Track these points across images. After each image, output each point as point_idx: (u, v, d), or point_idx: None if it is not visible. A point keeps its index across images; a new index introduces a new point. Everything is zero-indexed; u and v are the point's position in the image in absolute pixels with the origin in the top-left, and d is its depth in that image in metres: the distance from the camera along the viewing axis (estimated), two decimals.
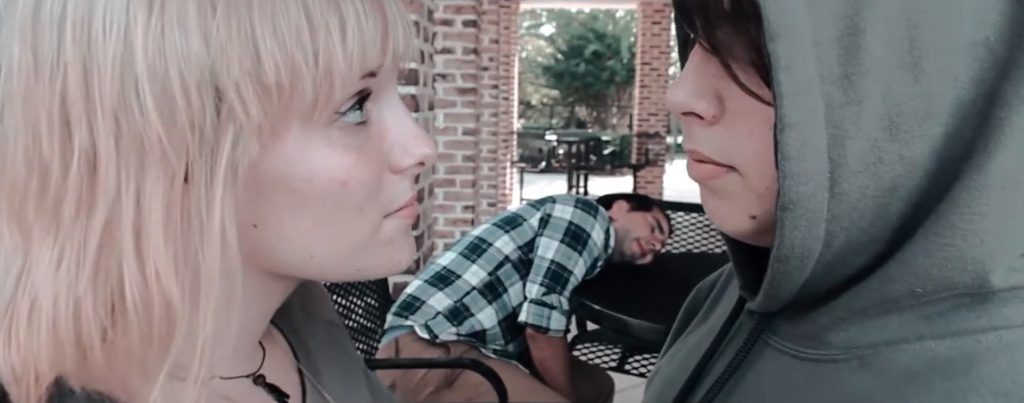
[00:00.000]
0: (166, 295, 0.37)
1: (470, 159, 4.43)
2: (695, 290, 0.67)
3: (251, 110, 0.37)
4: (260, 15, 0.37)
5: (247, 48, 0.37)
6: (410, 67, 2.28)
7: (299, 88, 0.38)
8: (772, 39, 0.35)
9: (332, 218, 0.42)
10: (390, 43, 0.42)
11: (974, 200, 0.36)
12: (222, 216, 0.38)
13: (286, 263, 0.43)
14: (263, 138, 0.38)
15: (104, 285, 0.37)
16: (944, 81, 0.36)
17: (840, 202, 0.38)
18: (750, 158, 0.41)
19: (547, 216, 1.95)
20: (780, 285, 0.41)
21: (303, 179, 0.40)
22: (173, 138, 0.36)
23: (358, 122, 0.42)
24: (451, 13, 4.25)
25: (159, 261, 0.37)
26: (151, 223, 0.37)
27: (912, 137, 0.37)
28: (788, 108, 0.35)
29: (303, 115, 0.39)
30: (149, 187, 0.37)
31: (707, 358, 0.51)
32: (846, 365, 0.41)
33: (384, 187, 0.44)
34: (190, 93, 0.36)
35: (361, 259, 0.45)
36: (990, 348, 0.37)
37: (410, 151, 0.44)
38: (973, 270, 0.37)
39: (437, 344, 1.83)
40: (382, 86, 0.44)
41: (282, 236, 0.42)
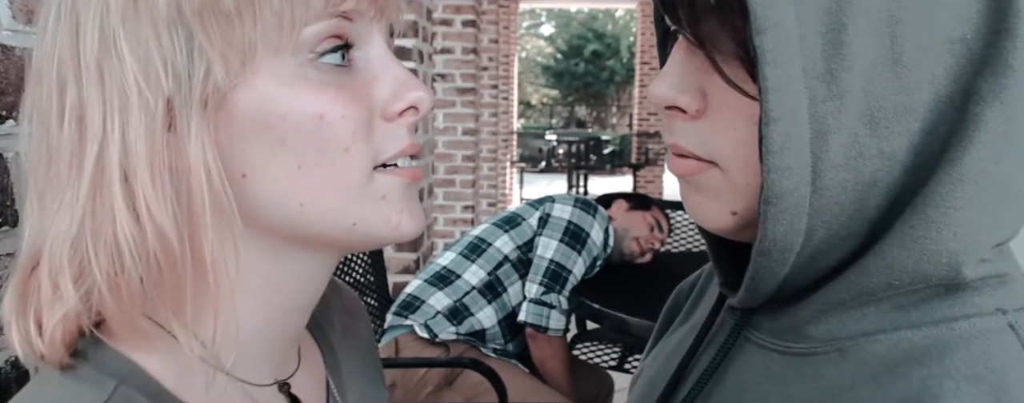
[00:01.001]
0: (160, 230, 0.39)
1: (470, 159, 4.43)
2: (676, 290, 0.68)
3: (215, 40, 0.38)
4: None
5: None
6: (409, 67, 2.29)
7: (260, 15, 0.39)
8: (758, 33, 0.35)
9: (317, 158, 0.41)
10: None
11: (949, 194, 0.37)
12: (202, 150, 0.39)
13: (279, 215, 0.43)
14: (231, 68, 0.39)
15: (99, 227, 0.39)
16: (923, 77, 0.37)
17: (822, 196, 0.38)
18: (733, 153, 0.41)
19: (546, 215, 1.96)
20: (762, 279, 0.42)
21: (279, 115, 0.40)
22: (148, 77, 0.38)
23: (338, 64, 0.42)
24: (450, 13, 4.25)
25: (149, 200, 0.39)
26: (138, 163, 0.39)
27: (891, 132, 0.37)
28: (773, 102, 0.36)
29: (272, 49, 0.40)
30: (132, 129, 0.38)
31: (690, 356, 0.51)
32: (826, 357, 0.41)
33: (375, 133, 0.43)
34: (160, 32, 0.38)
35: (355, 210, 0.43)
36: (963, 336, 0.38)
37: (400, 96, 0.44)
38: (947, 262, 0.38)
39: (437, 343, 1.83)
40: (364, 34, 0.43)
41: (270, 183, 0.42)
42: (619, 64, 20.86)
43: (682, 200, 0.47)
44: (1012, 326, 0.38)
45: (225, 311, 0.42)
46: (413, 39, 2.28)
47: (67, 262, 0.39)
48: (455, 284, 1.91)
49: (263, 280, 0.45)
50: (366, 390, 0.59)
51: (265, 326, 0.46)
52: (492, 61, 5.77)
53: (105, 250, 0.39)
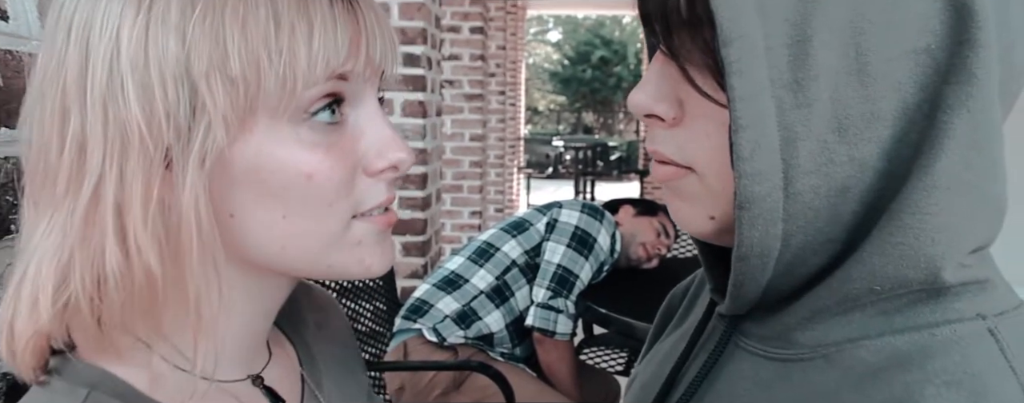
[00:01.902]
0: (146, 266, 0.41)
1: (477, 165, 4.45)
2: (669, 295, 0.69)
3: (219, 101, 0.40)
4: (232, 15, 0.40)
5: (217, 44, 0.40)
6: (417, 73, 2.31)
7: (263, 83, 0.41)
8: (725, 45, 0.37)
9: (301, 211, 0.44)
10: (362, 50, 0.44)
11: (923, 200, 0.38)
12: (194, 199, 0.41)
13: (261, 254, 0.46)
14: (231, 128, 0.41)
15: (88, 254, 0.41)
16: (889, 86, 0.38)
17: (794, 201, 0.39)
18: (707, 159, 0.42)
19: (554, 221, 1.97)
20: (743, 285, 0.43)
21: (271, 170, 0.43)
22: (151, 126, 0.40)
23: (330, 122, 0.44)
24: (458, 20, 4.28)
25: (139, 235, 0.41)
26: (132, 200, 0.41)
27: (861, 139, 0.38)
28: (741, 111, 0.37)
29: (271, 110, 0.42)
30: (130, 169, 0.41)
31: (681, 362, 0.52)
32: (812, 364, 0.42)
33: (356, 187, 0.46)
34: (167, 86, 0.40)
35: (331, 256, 0.47)
36: (944, 341, 0.39)
37: (384, 155, 0.47)
38: (926, 267, 0.39)
39: (445, 347, 1.84)
40: (357, 91, 0.46)
41: (256, 226, 0.44)
42: (626, 70, 20.86)
43: (666, 205, 0.48)
44: (991, 331, 0.39)
45: (204, 327, 0.44)
46: (422, 46, 2.30)
47: (51, 282, 0.41)
48: (463, 288, 1.92)
49: (241, 298, 0.48)
50: (342, 378, 0.61)
51: (239, 331, 0.49)
52: (500, 67, 5.80)
53: (91, 276, 0.41)
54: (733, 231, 0.41)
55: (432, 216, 2.56)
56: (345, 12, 0.43)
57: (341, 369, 0.62)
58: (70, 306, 0.42)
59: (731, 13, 0.36)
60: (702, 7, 0.38)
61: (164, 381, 0.45)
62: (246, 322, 0.50)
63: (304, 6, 0.42)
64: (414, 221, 2.40)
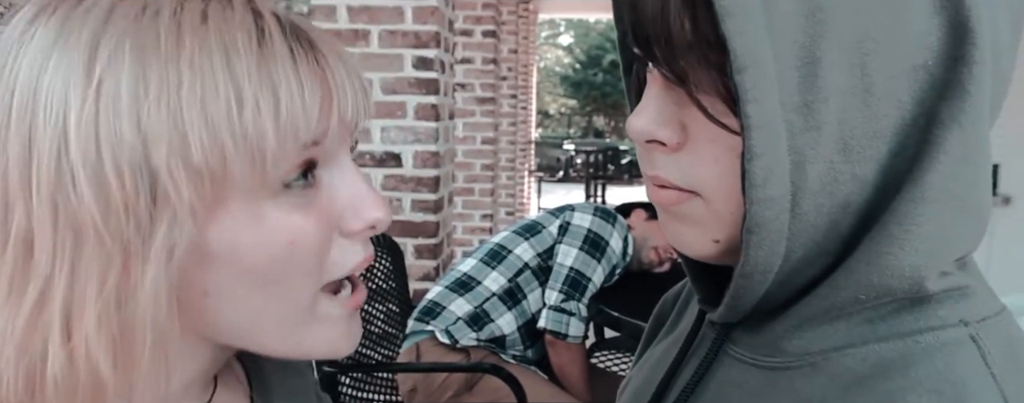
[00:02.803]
0: (94, 372, 0.37)
1: (489, 168, 4.46)
2: (661, 300, 0.68)
3: (183, 192, 0.36)
4: (189, 94, 0.36)
5: (175, 130, 0.36)
6: (430, 77, 2.32)
7: (230, 169, 0.37)
8: (739, 72, 0.35)
9: (278, 280, 0.41)
10: (334, 111, 0.41)
11: (911, 212, 0.38)
12: (155, 294, 0.37)
13: (232, 331, 0.43)
14: (198, 218, 0.37)
15: (26, 358, 0.37)
16: (890, 103, 0.38)
17: (799, 221, 0.39)
18: (715, 184, 0.41)
19: (566, 224, 1.98)
20: (742, 298, 0.43)
21: (251, 244, 0.40)
22: (108, 222, 0.36)
23: (305, 187, 0.41)
24: (471, 23, 4.30)
25: (90, 338, 0.37)
26: (84, 303, 0.37)
27: (863, 157, 0.39)
28: (756, 139, 0.36)
29: (242, 192, 0.38)
30: (83, 267, 0.36)
31: (673, 370, 0.52)
32: (800, 372, 0.42)
33: (331, 251, 0.43)
34: (124, 177, 0.36)
35: (301, 332, 0.44)
36: (927, 348, 0.39)
37: (361, 215, 0.44)
38: (910, 276, 0.39)
39: (457, 349, 1.85)
40: (330, 152, 0.42)
41: (231, 303, 0.41)
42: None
43: (663, 229, 0.47)
44: (974, 338, 0.39)
45: (150, 391, 0.41)
46: (435, 49, 2.32)
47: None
48: (476, 290, 1.93)
49: (193, 359, 0.45)
50: (293, 384, 0.58)
51: (185, 383, 0.46)
52: (511, 71, 5.81)
53: (25, 382, 0.37)
54: (736, 252, 0.41)
55: (444, 219, 2.57)
56: (311, 72, 0.39)
57: (290, 373, 0.58)
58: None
59: (745, 39, 0.35)
60: (709, 30, 0.37)
61: None
62: (192, 375, 0.46)
63: (267, 73, 0.38)
64: (426, 224, 2.41)
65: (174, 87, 0.36)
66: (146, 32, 0.37)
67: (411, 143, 2.35)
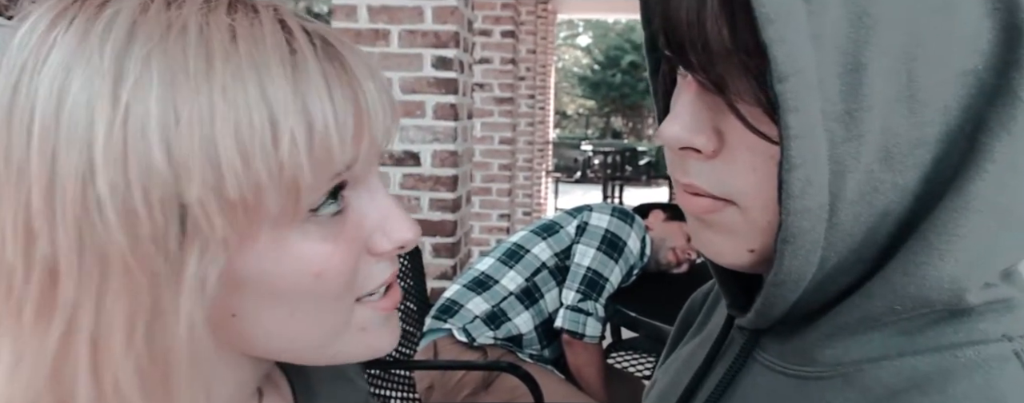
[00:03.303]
0: (124, 401, 0.36)
1: (506, 168, 4.47)
2: (690, 300, 0.67)
3: (215, 224, 0.35)
4: (222, 123, 0.34)
5: (210, 162, 0.34)
6: (449, 77, 2.33)
7: (263, 200, 0.36)
8: (781, 81, 0.34)
9: (309, 307, 0.41)
10: (365, 135, 0.39)
11: (952, 221, 0.37)
12: (190, 324, 0.36)
13: (264, 349, 0.43)
14: (230, 248, 0.36)
15: (58, 391, 0.36)
16: (936, 110, 0.36)
17: (836, 230, 0.38)
18: (753, 193, 0.39)
19: (584, 224, 1.98)
20: (773, 306, 0.42)
21: (278, 274, 0.39)
22: (136, 252, 0.35)
23: (334, 212, 0.40)
24: (490, 24, 4.31)
25: (119, 371, 0.36)
26: (112, 334, 0.35)
27: (905, 166, 0.37)
28: (795, 149, 0.35)
29: (273, 221, 0.37)
30: (110, 299, 0.35)
31: (700, 374, 0.51)
32: (830, 383, 0.41)
33: (360, 271, 0.42)
34: (153, 208, 0.34)
35: (337, 345, 0.43)
36: (966, 364, 0.37)
37: (389, 236, 0.43)
38: (950, 289, 0.38)
39: (474, 347, 1.86)
40: (360, 174, 0.41)
41: (260, 326, 0.41)
42: None
43: (693, 237, 0.46)
44: (1017, 354, 0.37)
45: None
46: (454, 49, 2.33)
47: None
48: (493, 289, 1.94)
49: (232, 372, 0.44)
50: (340, 392, 0.58)
51: (228, 394, 0.45)
52: (530, 71, 5.82)
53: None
54: (769, 261, 0.40)
55: (461, 218, 2.58)
56: (344, 96, 0.38)
57: (337, 379, 0.58)
58: None
59: (788, 47, 0.33)
60: (748, 36, 0.35)
61: None
62: (232, 389, 0.45)
63: (300, 99, 0.36)
64: (444, 223, 2.42)
65: (207, 116, 0.34)
66: (173, 54, 0.35)
67: (429, 142, 2.36)
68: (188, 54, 0.35)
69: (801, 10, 0.34)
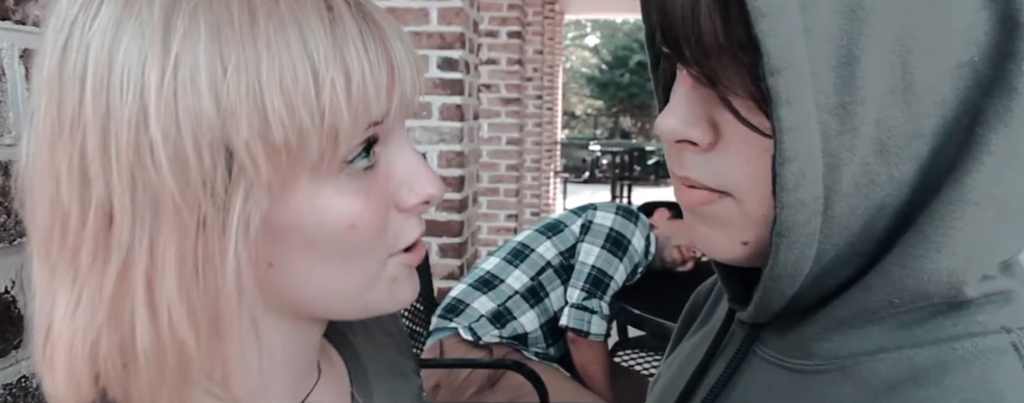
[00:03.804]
0: (179, 341, 0.38)
1: (514, 168, 4.48)
2: (694, 294, 0.67)
3: (261, 168, 0.37)
4: (268, 74, 0.37)
5: (256, 109, 0.37)
6: (455, 77, 2.35)
7: (306, 145, 0.38)
8: (773, 74, 0.34)
9: (341, 258, 0.43)
10: (396, 90, 0.42)
11: (949, 214, 0.37)
12: (236, 265, 0.38)
13: (300, 300, 0.44)
14: (273, 192, 0.38)
15: (118, 329, 0.38)
16: (932, 102, 0.36)
17: (832, 223, 0.38)
18: (748, 185, 0.40)
19: (588, 222, 1.99)
20: (771, 300, 0.42)
21: (314, 225, 0.41)
22: (186, 194, 0.37)
23: (365, 167, 0.42)
24: (496, 25, 4.32)
25: (173, 308, 0.38)
26: (165, 272, 0.38)
27: (901, 158, 0.37)
28: (788, 143, 0.35)
29: (312, 167, 0.40)
30: (163, 239, 0.37)
31: (701, 368, 0.52)
32: (829, 376, 0.41)
33: (391, 226, 0.45)
34: (202, 153, 0.36)
35: (368, 295, 0.46)
36: (964, 356, 0.37)
37: (416, 191, 0.45)
38: (947, 282, 0.38)
39: (480, 346, 1.88)
40: (390, 129, 0.44)
41: (296, 275, 0.43)
42: None
43: (689, 231, 0.46)
44: (1015, 346, 0.37)
45: (243, 371, 0.43)
46: (460, 50, 2.34)
47: (87, 359, 0.39)
48: (498, 288, 1.95)
49: (280, 340, 0.46)
50: (394, 387, 0.60)
51: (281, 365, 0.48)
52: (537, 72, 5.83)
53: (120, 355, 0.39)
54: (765, 254, 0.40)
55: (468, 218, 2.59)
56: (378, 50, 0.40)
57: (392, 379, 0.60)
58: (105, 378, 0.39)
59: (780, 40, 0.34)
60: (741, 30, 0.35)
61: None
62: (288, 356, 0.48)
63: (339, 53, 0.39)
64: (450, 223, 2.44)
65: (253, 65, 0.36)
66: (218, 9, 0.37)
67: (436, 143, 2.38)
68: (232, 9, 0.37)
69: (793, 4, 0.34)
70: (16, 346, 0.61)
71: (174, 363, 0.39)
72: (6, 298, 0.60)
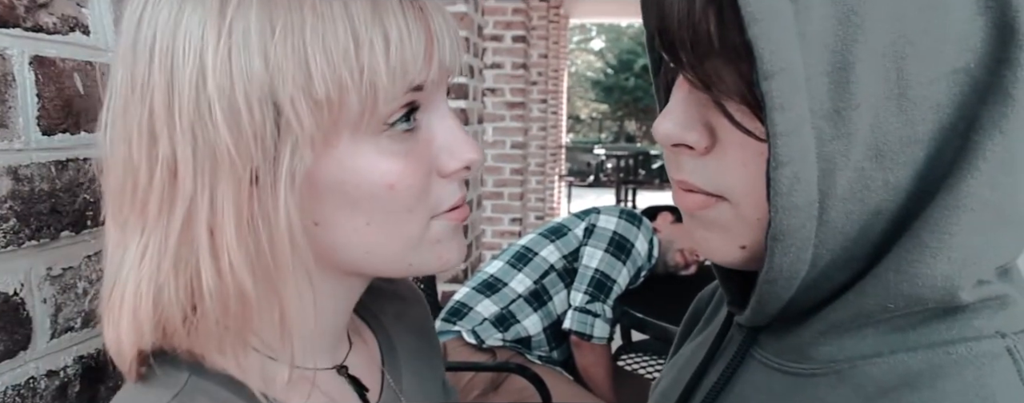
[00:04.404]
0: (239, 285, 0.42)
1: (518, 172, 4.48)
2: (697, 298, 0.68)
3: (304, 122, 0.41)
4: (312, 35, 0.40)
5: (300, 66, 0.40)
6: (460, 81, 2.36)
7: (346, 102, 0.41)
8: (766, 78, 0.34)
9: (383, 218, 0.45)
10: (434, 57, 0.44)
11: (944, 220, 0.37)
12: (287, 215, 0.42)
13: (346, 259, 0.47)
14: (316, 147, 0.42)
15: (183, 274, 0.42)
16: (927, 108, 0.36)
17: (827, 228, 0.38)
18: (745, 189, 0.40)
19: (592, 226, 2.00)
20: (767, 303, 0.42)
21: (354, 183, 0.44)
22: (240, 148, 0.40)
23: (406, 130, 0.45)
24: (501, 29, 4.33)
25: (232, 255, 0.42)
26: (224, 221, 0.41)
27: (896, 163, 0.37)
28: (782, 147, 0.35)
29: (353, 125, 0.43)
30: (221, 190, 0.41)
31: (700, 371, 0.52)
32: (825, 379, 0.41)
33: (432, 190, 0.47)
34: (253, 108, 0.40)
35: (412, 256, 0.48)
36: (958, 360, 0.37)
37: (456, 156, 0.47)
38: (942, 287, 0.37)
39: (484, 349, 1.88)
40: (430, 97, 0.46)
41: (340, 233, 0.46)
42: None
43: (688, 234, 0.46)
44: (1010, 350, 0.37)
45: (293, 329, 0.46)
46: (464, 54, 2.35)
47: (151, 303, 0.42)
48: (502, 292, 1.96)
49: (326, 298, 0.49)
50: (421, 370, 0.63)
51: (323, 325, 0.51)
52: (541, 76, 5.83)
53: (187, 297, 0.43)
54: (762, 258, 0.40)
55: (472, 222, 2.60)
56: (417, 18, 0.43)
57: (420, 361, 0.63)
58: (167, 324, 0.43)
59: (773, 45, 0.34)
60: (736, 35, 0.35)
61: (255, 368, 0.47)
62: (329, 317, 0.51)
63: (379, 18, 0.42)
64: None
65: (298, 28, 0.40)
66: None
67: None
68: None
69: (788, 9, 0.34)
70: (24, 348, 0.62)
71: (236, 306, 0.43)
72: (15, 300, 0.61)
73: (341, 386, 0.53)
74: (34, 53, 0.62)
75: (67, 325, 0.67)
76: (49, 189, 0.63)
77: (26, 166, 0.61)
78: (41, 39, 0.63)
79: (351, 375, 0.54)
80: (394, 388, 0.58)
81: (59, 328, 0.66)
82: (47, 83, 0.63)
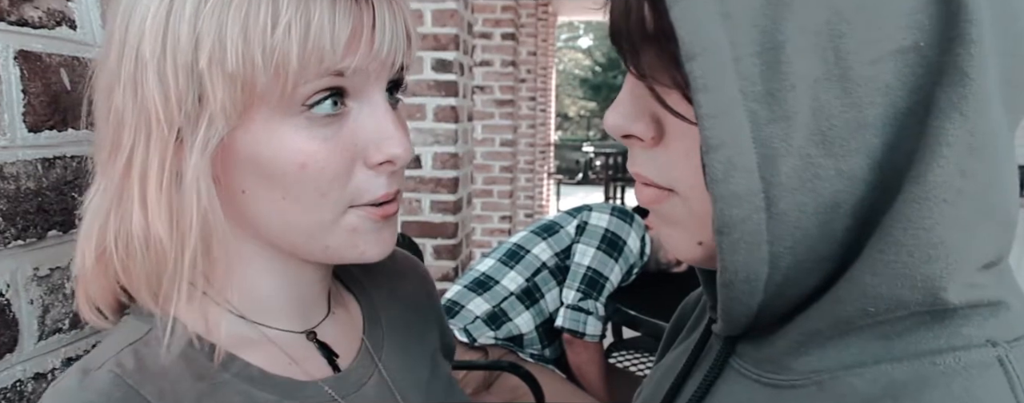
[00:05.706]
0: (157, 233, 0.46)
1: (507, 170, 4.48)
2: (682, 304, 0.66)
3: (218, 94, 0.44)
4: (235, 12, 0.43)
5: (219, 41, 0.43)
6: (449, 78, 2.35)
7: (256, 80, 0.44)
8: (688, 59, 0.34)
9: (297, 196, 0.47)
10: (362, 46, 0.46)
11: (916, 214, 0.34)
12: (196, 178, 0.45)
13: (269, 229, 0.50)
14: (231, 119, 0.45)
15: (120, 216, 0.47)
16: (874, 90, 0.34)
17: (780, 222, 0.36)
18: (690, 181, 0.39)
19: (584, 223, 1.99)
20: (732, 309, 0.40)
21: (268, 157, 0.46)
22: (166, 110, 0.44)
23: (330, 114, 0.47)
24: (490, 26, 4.32)
25: (152, 206, 0.46)
26: (150, 175, 0.46)
27: (847, 150, 0.35)
28: (710, 129, 0.34)
29: (268, 103, 0.45)
30: (151, 145, 0.45)
31: (679, 381, 0.51)
32: (805, 391, 0.39)
33: (354, 178, 0.48)
34: (178, 75, 0.44)
35: (328, 238, 0.50)
36: (946, 371, 0.35)
37: (381, 148, 0.48)
38: (924, 287, 0.35)
39: (476, 347, 1.87)
40: (361, 85, 0.47)
41: (263, 204, 0.48)
42: None
43: (656, 231, 0.46)
44: (1001, 360, 0.35)
45: (245, 290, 0.50)
46: (454, 52, 2.34)
47: (94, 238, 0.47)
48: (494, 290, 1.95)
49: (280, 265, 0.52)
50: (407, 343, 0.63)
51: (284, 291, 0.54)
52: (530, 73, 5.83)
53: (121, 237, 0.47)
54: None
55: (462, 220, 2.59)
56: (347, 9, 0.44)
57: (407, 336, 0.64)
58: (106, 261, 0.48)
59: (692, 25, 0.33)
60: (666, 21, 0.35)
61: (218, 324, 0.50)
62: (293, 285, 0.54)
63: (305, 4, 0.43)
64: (445, 225, 2.43)
65: (226, 3, 0.43)
66: None
67: (430, 145, 2.38)
68: None
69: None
70: (10, 350, 0.61)
71: (156, 253, 0.47)
72: (0, 302, 0.60)
73: (308, 350, 0.55)
74: (19, 48, 0.60)
75: (55, 327, 0.65)
76: (35, 187, 0.62)
77: (12, 164, 0.60)
78: (26, 33, 0.61)
79: (320, 341, 0.56)
80: (374, 356, 0.59)
81: (47, 330, 0.64)
82: (33, 79, 0.61)
